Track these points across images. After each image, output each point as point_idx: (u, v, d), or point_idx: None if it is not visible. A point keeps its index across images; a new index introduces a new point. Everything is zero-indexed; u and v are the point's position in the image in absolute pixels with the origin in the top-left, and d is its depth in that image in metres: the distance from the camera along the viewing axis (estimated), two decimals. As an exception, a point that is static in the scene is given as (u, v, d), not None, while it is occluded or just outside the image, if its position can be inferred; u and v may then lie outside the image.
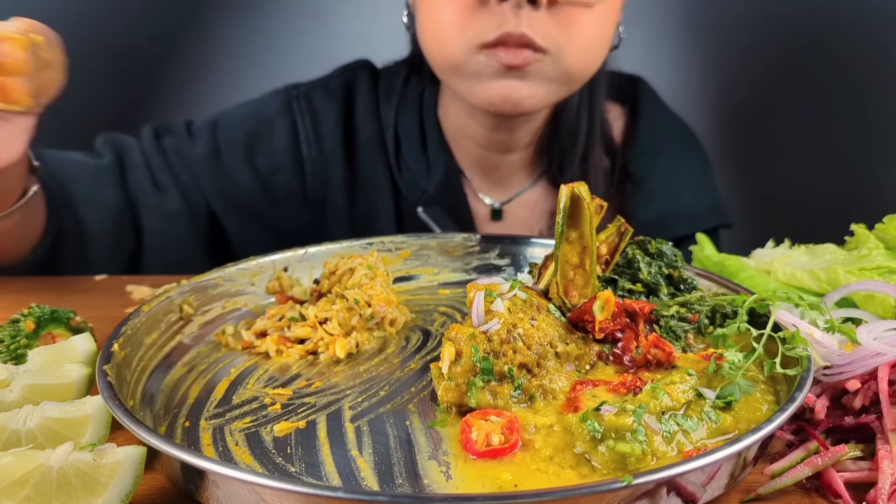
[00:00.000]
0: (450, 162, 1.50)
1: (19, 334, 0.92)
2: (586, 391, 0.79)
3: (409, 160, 1.49)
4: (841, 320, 0.91)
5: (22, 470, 0.66)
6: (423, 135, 1.50)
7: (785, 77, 2.08)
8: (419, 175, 1.49)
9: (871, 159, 2.08)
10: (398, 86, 1.51)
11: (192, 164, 1.46)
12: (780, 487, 0.72)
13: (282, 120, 1.50)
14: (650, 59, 1.69)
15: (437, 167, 1.49)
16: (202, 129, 1.50)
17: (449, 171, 1.49)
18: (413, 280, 1.19)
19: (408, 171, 1.49)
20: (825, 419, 0.78)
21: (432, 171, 1.49)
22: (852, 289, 0.94)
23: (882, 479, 0.70)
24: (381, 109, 1.51)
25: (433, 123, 1.50)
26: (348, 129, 1.51)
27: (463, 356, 0.80)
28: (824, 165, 2.11)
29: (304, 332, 0.98)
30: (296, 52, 2.01)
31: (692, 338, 0.92)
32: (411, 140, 1.49)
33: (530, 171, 1.55)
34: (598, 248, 0.95)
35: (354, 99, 1.52)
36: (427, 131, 1.50)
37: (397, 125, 1.50)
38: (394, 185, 1.51)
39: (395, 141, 1.50)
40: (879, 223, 1.08)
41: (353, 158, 1.51)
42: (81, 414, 0.77)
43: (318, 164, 1.50)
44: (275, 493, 0.62)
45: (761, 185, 2.09)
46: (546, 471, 0.70)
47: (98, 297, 1.22)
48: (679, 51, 2.07)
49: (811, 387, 0.78)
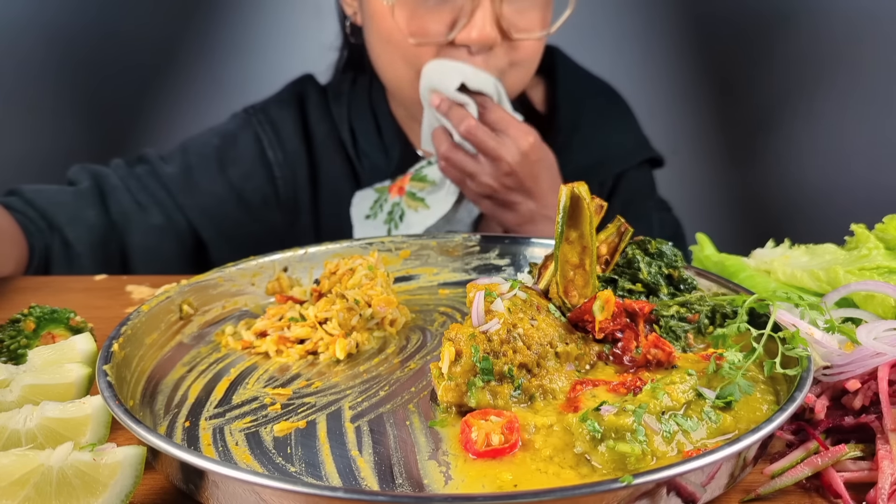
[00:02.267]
0: (405, 145, 1.60)
1: (19, 334, 0.92)
2: (586, 391, 0.79)
3: (366, 149, 1.60)
4: (841, 320, 0.91)
5: (22, 470, 0.66)
6: (377, 124, 1.61)
7: (785, 77, 2.08)
8: (378, 161, 1.59)
9: (871, 159, 2.08)
10: (346, 86, 1.64)
11: (168, 184, 1.54)
12: (779, 487, 0.72)
13: (245, 132, 1.61)
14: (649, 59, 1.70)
15: (394, 151, 1.59)
16: (172, 153, 1.59)
17: (405, 154, 1.59)
18: (413, 280, 1.19)
19: (367, 159, 1.60)
20: (825, 419, 0.78)
21: (390, 154, 1.59)
22: (852, 289, 0.94)
23: (882, 479, 0.70)
24: (332, 109, 1.62)
25: (385, 112, 1.61)
26: (306, 133, 1.62)
27: (463, 356, 0.80)
28: (825, 165, 2.11)
29: (304, 333, 0.98)
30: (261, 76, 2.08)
31: (692, 338, 0.92)
32: (366, 131, 1.61)
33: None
34: (598, 248, 0.95)
35: (306, 105, 1.64)
36: (380, 120, 1.61)
37: (351, 120, 1.61)
38: (354, 175, 1.61)
39: (350, 135, 1.61)
40: (879, 223, 1.08)
41: (314, 157, 1.62)
42: (81, 414, 0.77)
43: (284, 167, 1.60)
44: (275, 493, 0.62)
45: (761, 184, 2.09)
46: (546, 471, 0.70)
47: (98, 297, 1.22)
48: (678, 51, 2.07)
49: (811, 387, 0.78)
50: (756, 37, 2.08)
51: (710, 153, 1.66)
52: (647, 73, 1.66)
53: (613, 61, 1.46)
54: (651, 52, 1.91)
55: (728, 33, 2.08)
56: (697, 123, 1.69)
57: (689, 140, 2.16)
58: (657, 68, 1.71)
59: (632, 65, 1.62)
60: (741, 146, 2.09)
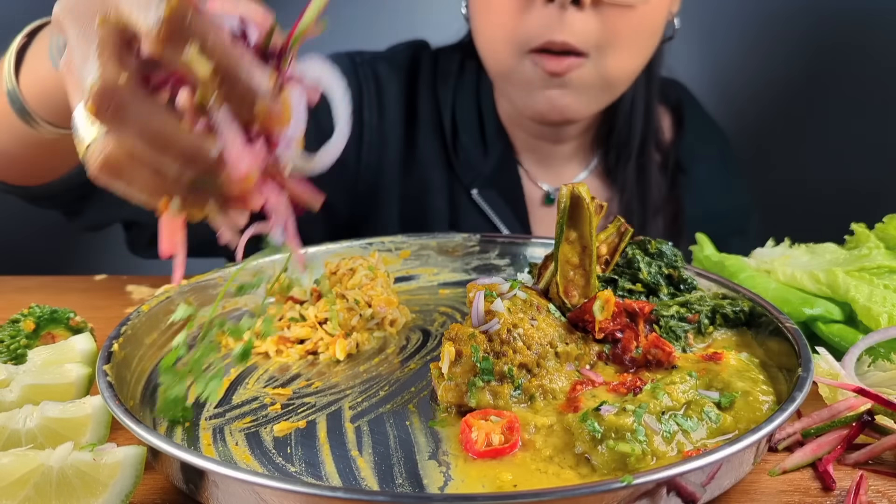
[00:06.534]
0: (506, 147, 1.51)
1: (19, 334, 0.92)
2: (586, 391, 0.79)
3: (465, 142, 1.49)
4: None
5: (22, 470, 0.66)
6: (481, 119, 1.51)
7: (786, 81, 2.09)
8: (475, 157, 1.49)
9: (871, 159, 2.08)
10: (455, 68, 1.52)
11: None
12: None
13: (348, 79, 1.47)
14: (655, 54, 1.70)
15: (495, 150, 1.49)
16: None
17: (505, 155, 1.50)
18: (413, 280, 1.19)
19: (464, 152, 1.49)
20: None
21: (489, 153, 1.49)
22: (875, 339, 0.90)
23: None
24: (439, 90, 1.51)
25: (490, 108, 1.50)
26: (410, 105, 1.51)
27: (463, 356, 0.80)
28: (825, 165, 2.11)
29: (304, 333, 0.98)
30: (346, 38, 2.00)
31: (692, 338, 0.92)
32: (469, 123, 1.50)
33: (583, 160, 1.56)
34: (598, 248, 0.95)
35: (418, 75, 1.52)
36: (485, 116, 1.50)
37: (454, 107, 1.50)
38: (448, 165, 1.50)
39: (451, 122, 1.50)
40: (879, 223, 1.08)
41: (411, 134, 1.50)
42: (81, 414, 0.77)
43: (376, 133, 1.48)
44: (275, 493, 0.62)
45: (761, 184, 2.09)
46: (546, 471, 0.70)
47: (98, 297, 1.22)
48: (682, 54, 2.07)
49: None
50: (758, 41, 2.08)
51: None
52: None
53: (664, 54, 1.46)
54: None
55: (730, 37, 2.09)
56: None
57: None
58: (665, 70, 1.72)
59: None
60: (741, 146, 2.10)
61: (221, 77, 0.62)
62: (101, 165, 0.62)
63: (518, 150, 1.53)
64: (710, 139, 1.64)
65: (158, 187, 0.64)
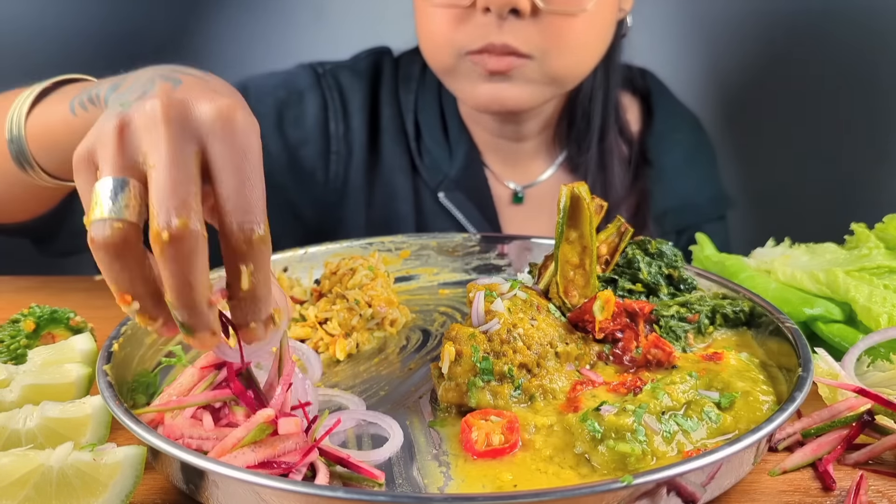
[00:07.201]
0: (471, 146, 1.51)
1: (19, 334, 0.92)
2: (586, 391, 0.79)
3: (429, 145, 1.49)
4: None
5: (22, 470, 0.66)
6: (444, 120, 1.51)
7: (785, 76, 2.08)
8: (440, 159, 1.49)
9: (871, 159, 2.08)
10: (416, 72, 1.52)
11: None
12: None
13: (312, 92, 1.48)
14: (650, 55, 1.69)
15: (459, 151, 1.49)
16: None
17: (470, 155, 1.50)
18: (413, 280, 1.19)
19: (428, 155, 1.49)
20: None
21: (454, 155, 1.49)
22: (875, 339, 0.90)
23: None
24: (401, 94, 1.51)
25: (453, 109, 1.50)
26: (374, 111, 1.51)
27: (463, 356, 0.80)
28: (825, 164, 2.11)
29: (304, 333, 0.98)
30: (297, 52, 2.01)
31: (692, 338, 0.92)
32: (432, 125, 1.50)
33: (548, 156, 1.55)
34: (598, 248, 0.95)
35: (380, 81, 1.52)
36: (447, 116, 1.50)
37: (417, 110, 1.51)
38: (413, 169, 1.51)
39: (414, 126, 1.50)
40: (879, 223, 1.08)
41: (376, 140, 1.51)
42: (81, 414, 0.77)
43: (343, 143, 1.48)
44: (275, 493, 0.62)
45: (761, 183, 2.09)
46: (546, 471, 0.70)
47: (98, 297, 1.22)
48: (679, 48, 2.07)
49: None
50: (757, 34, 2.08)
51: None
52: (649, 68, 1.66)
53: (625, 47, 1.45)
54: (651, 50, 1.91)
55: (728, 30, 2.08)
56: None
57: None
58: (656, 67, 1.71)
59: (633, 56, 1.62)
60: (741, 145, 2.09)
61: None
62: (107, 244, 0.61)
63: (482, 150, 1.53)
64: (681, 127, 1.62)
65: (137, 291, 0.63)
